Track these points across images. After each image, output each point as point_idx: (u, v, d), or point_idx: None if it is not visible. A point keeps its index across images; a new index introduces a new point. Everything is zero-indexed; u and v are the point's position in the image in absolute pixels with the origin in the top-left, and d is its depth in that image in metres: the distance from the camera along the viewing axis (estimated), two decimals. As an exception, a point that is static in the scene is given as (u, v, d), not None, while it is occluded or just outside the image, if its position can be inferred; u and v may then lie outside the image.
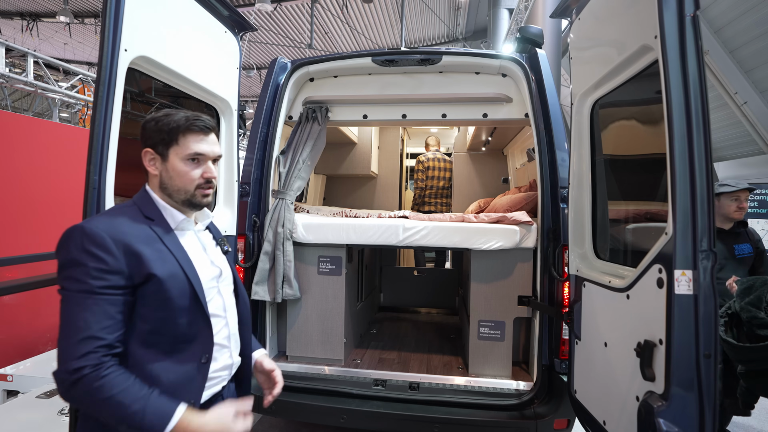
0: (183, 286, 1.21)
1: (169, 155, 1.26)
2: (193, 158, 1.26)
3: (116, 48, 1.62)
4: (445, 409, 2.51)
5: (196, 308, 1.23)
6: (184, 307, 1.21)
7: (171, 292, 1.18)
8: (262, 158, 2.82)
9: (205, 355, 1.25)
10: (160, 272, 1.16)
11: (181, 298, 1.20)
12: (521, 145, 4.26)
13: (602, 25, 1.94)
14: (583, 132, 2.18)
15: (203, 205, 1.32)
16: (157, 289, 1.16)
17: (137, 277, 1.14)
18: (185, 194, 1.27)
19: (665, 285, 1.43)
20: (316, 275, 2.93)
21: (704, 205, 1.35)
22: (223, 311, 1.34)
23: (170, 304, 1.18)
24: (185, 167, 1.26)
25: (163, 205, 1.28)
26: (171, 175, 1.26)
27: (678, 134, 1.38)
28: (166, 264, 1.19)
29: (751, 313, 1.98)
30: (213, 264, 1.35)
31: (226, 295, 1.37)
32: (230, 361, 1.36)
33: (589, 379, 2.03)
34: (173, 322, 1.20)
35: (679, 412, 1.38)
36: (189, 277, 1.22)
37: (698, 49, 1.38)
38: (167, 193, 1.28)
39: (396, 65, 2.82)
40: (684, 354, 1.36)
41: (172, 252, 1.22)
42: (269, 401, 1.45)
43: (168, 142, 1.25)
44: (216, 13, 2.26)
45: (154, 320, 1.17)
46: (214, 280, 1.32)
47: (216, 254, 1.40)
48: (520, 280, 2.75)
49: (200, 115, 1.29)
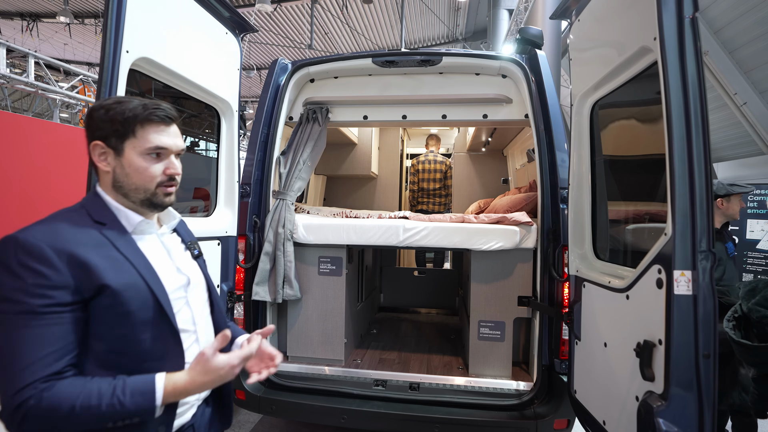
0: (144, 297, 1.06)
1: (125, 149, 1.10)
2: (155, 152, 1.12)
3: (118, 49, 1.64)
4: (446, 409, 2.51)
5: (162, 322, 1.09)
6: (147, 322, 1.06)
7: (130, 304, 1.03)
8: (263, 159, 2.82)
9: None
10: (114, 282, 1.02)
11: (143, 311, 1.06)
12: (521, 146, 4.27)
13: (602, 26, 1.94)
14: (582, 133, 2.19)
15: (166, 205, 1.17)
16: (112, 303, 1.02)
17: (87, 289, 1.00)
18: (144, 193, 1.12)
19: (665, 285, 1.43)
20: (316, 276, 2.94)
21: (703, 205, 1.36)
22: (192, 325, 1.19)
23: (130, 319, 1.04)
24: (144, 162, 1.11)
25: (117, 206, 1.13)
26: (127, 171, 1.11)
27: (677, 135, 1.38)
28: (122, 273, 1.05)
29: (761, 313, 1.99)
30: (179, 271, 1.20)
31: (197, 306, 1.22)
32: None
33: (588, 379, 2.03)
34: (135, 339, 1.05)
35: (678, 412, 1.39)
36: (151, 286, 1.07)
37: (697, 50, 1.39)
38: (122, 193, 1.12)
39: (396, 66, 2.83)
40: (683, 354, 1.37)
41: (129, 259, 1.07)
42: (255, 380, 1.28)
43: (123, 134, 1.09)
44: (217, 14, 2.27)
45: (113, 338, 1.03)
46: (181, 289, 1.17)
47: (184, 260, 1.25)
48: (520, 280, 2.76)
49: (160, 102, 1.15)
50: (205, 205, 2.61)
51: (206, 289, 1.29)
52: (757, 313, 1.98)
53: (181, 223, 1.33)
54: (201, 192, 2.67)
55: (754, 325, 2.01)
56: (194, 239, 1.35)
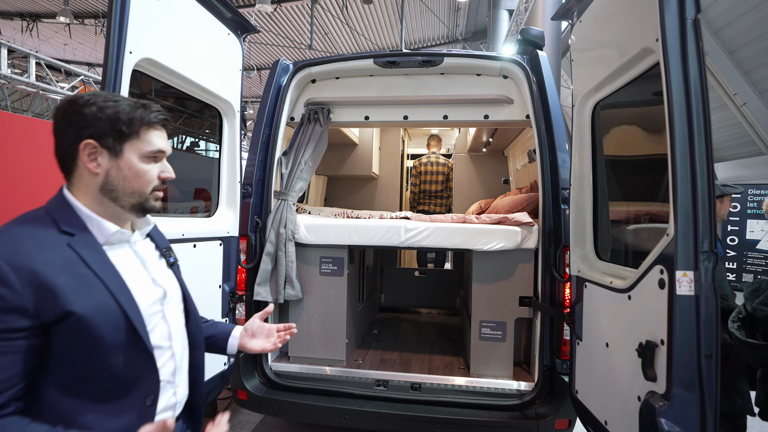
0: (116, 319, 0.97)
1: (124, 151, 1.03)
2: (155, 156, 1.07)
3: (121, 50, 1.64)
4: (447, 409, 2.52)
5: (135, 343, 1.01)
6: (118, 345, 0.98)
7: (100, 329, 0.94)
8: (265, 159, 2.83)
9: (150, 396, 1.04)
10: (81, 308, 0.92)
11: (115, 335, 0.97)
12: (522, 146, 4.27)
13: (603, 27, 1.95)
14: (584, 133, 2.19)
15: (156, 209, 1.10)
16: (79, 329, 0.92)
17: (47, 314, 0.90)
18: (140, 197, 1.06)
19: (666, 286, 1.44)
20: (318, 276, 2.94)
21: (705, 206, 1.36)
22: (168, 340, 1.11)
23: (100, 344, 0.95)
24: (145, 166, 1.05)
25: (88, 214, 1.02)
26: (125, 174, 1.03)
27: (679, 136, 1.39)
28: (92, 294, 0.95)
29: (765, 312, 2.00)
30: (155, 283, 1.12)
31: (173, 319, 1.14)
32: (174, 400, 1.13)
33: (590, 379, 2.04)
34: (105, 363, 0.97)
35: (680, 412, 1.39)
36: (123, 307, 0.99)
37: (699, 51, 1.39)
38: (112, 197, 1.04)
39: (397, 67, 2.83)
40: (685, 354, 1.37)
41: (100, 276, 0.97)
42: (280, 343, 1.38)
43: (125, 135, 1.03)
44: (219, 15, 2.28)
45: (80, 364, 0.95)
46: (157, 303, 1.10)
47: (159, 269, 1.16)
48: (521, 280, 2.76)
49: (149, 102, 1.09)
50: (206, 206, 2.61)
51: (182, 299, 1.21)
52: (762, 313, 1.99)
53: (155, 227, 1.26)
54: (202, 192, 2.67)
55: (759, 325, 2.02)
56: (168, 245, 1.26)
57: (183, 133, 3.79)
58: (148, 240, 1.20)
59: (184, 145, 5.85)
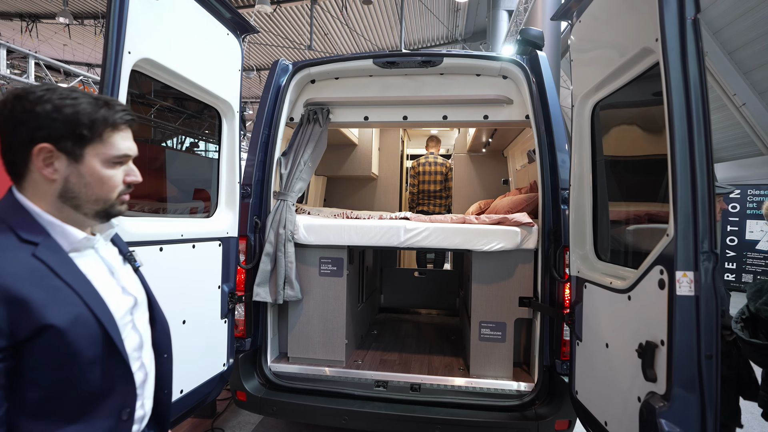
0: (92, 331, 0.91)
1: (85, 155, 0.93)
2: (120, 161, 0.99)
3: (120, 50, 1.63)
4: (447, 410, 2.51)
5: (111, 356, 0.94)
6: (94, 359, 0.91)
7: (77, 343, 0.88)
8: (264, 160, 2.82)
9: (127, 410, 0.99)
10: (58, 320, 0.85)
11: (92, 348, 0.91)
12: (521, 147, 4.27)
13: (603, 27, 1.95)
14: (583, 134, 2.19)
15: (121, 214, 1.03)
16: (55, 344, 0.85)
17: (22, 331, 0.83)
18: (104, 204, 0.97)
19: (666, 286, 1.44)
20: (317, 276, 2.94)
21: (705, 206, 1.36)
22: (138, 350, 1.05)
23: (77, 359, 0.89)
24: (109, 171, 0.96)
25: (50, 220, 0.93)
26: (88, 182, 0.94)
27: (679, 136, 1.38)
28: (66, 306, 0.88)
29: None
30: (125, 292, 1.06)
31: (143, 327, 1.09)
32: (142, 412, 1.07)
33: (590, 379, 2.03)
34: (80, 380, 0.90)
35: (680, 413, 1.39)
36: (99, 317, 0.92)
37: (699, 51, 1.39)
38: (73, 204, 0.95)
39: (397, 67, 2.83)
40: (685, 355, 1.37)
41: (73, 287, 0.90)
42: None
43: (86, 138, 0.93)
44: (218, 15, 2.27)
45: (52, 383, 0.87)
46: (128, 312, 1.04)
47: (127, 277, 1.10)
48: (521, 281, 2.76)
49: (112, 99, 1.00)
50: (206, 206, 2.61)
51: (147, 305, 1.16)
52: (765, 313, 1.99)
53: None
54: (201, 193, 2.66)
55: (763, 325, 2.03)
56: (130, 250, 1.19)
57: (182, 133, 3.77)
58: (110, 244, 1.12)
59: (183, 146, 5.83)
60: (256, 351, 2.77)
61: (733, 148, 9.79)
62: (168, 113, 2.45)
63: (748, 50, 7.89)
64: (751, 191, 8.48)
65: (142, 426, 1.08)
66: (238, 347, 2.64)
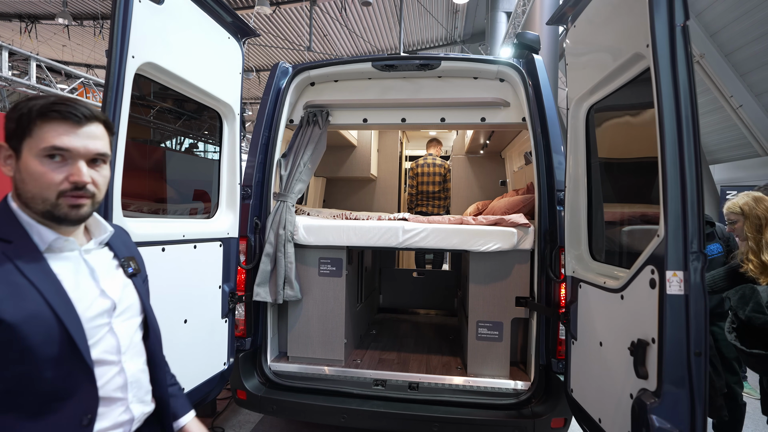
0: (49, 329, 0.92)
1: (23, 150, 0.95)
2: (52, 154, 0.95)
3: (124, 55, 1.67)
4: (445, 408, 2.55)
5: (72, 356, 0.95)
6: (51, 358, 0.92)
7: (30, 339, 0.89)
8: (264, 161, 2.86)
9: (87, 416, 0.97)
10: (10, 316, 0.88)
11: (47, 346, 0.91)
12: (519, 148, 4.31)
13: (597, 32, 1.99)
14: (578, 136, 2.23)
15: (73, 219, 0.99)
16: (8, 338, 0.88)
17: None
18: (43, 204, 0.95)
19: (657, 285, 1.47)
20: (316, 277, 2.97)
21: (694, 208, 1.40)
22: (117, 354, 1.05)
23: (30, 356, 0.90)
24: (40, 167, 0.94)
25: (28, 220, 0.97)
26: (23, 177, 0.95)
27: (669, 139, 1.42)
28: (24, 302, 0.90)
29: (762, 319, 2.03)
30: (103, 295, 1.05)
31: (124, 332, 1.08)
32: (127, 416, 1.07)
33: (585, 378, 2.07)
34: (37, 378, 0.91)
35: (671, 409, 1.42)
36: (60, 316, 0.93)
37: (688, 57, 1.43)
38: (23, 202, 0.97)
39: (396, 70, 2.87)
40: (675, 352, 1.41)
41: (35, 284, 0.92)
42: None
43: (21, 134, 0.95)
44: (219, 19, 2.31)
45: (10, 378, 0.90)
46: (104, 315, 1.03)
47: (112, 281, 1.09)
48: (517, 281, 2.79)
49: (76, 99, 0.99)
50: (205, 207, 2.64)
51: (140, 311, 1.15)
52: (758, 321, 2.02)
53: (119, 235, 1.19)
54: (198, 194, 2.69)
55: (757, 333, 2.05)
56: (132, 254, 1.20)
57: (183, 135, 3.82)
58: (106, 249, 1.13)
59: (182, 147, 5.87)
60: (256, 350, 2.80)
61: (730, 150, 9.84)
62: (170, 115, 2.50)
63: (746, 52, 7.94)
64: (747, 192, 8.51)
65: (132, 428, 1.09)
66: (238, 346, 2.67)
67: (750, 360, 2.09)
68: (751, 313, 2.04)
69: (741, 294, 2.12)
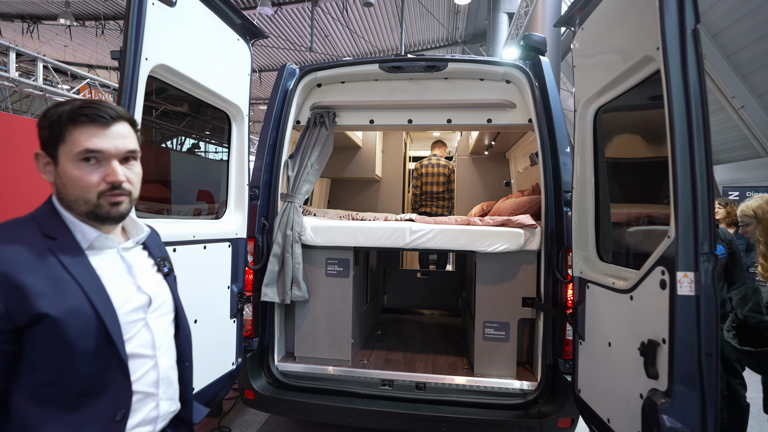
0: (88, 324, 0.95)
1: (59, 156, 0.99)
2: (86, 158, 0.98)
3: (138, 57, 1.68)
4: (452, 408, 2.56)
5: (109, 351, 0.97)
6: (88, 352, 0.95)
7: (70, 333, 0.92)
8: (271, 162, 2.87)
9: (121, 411, 0.99)
10: (53, 310, 0.90)
11: (85, 341, 0.94)
12: (524, 149, 4.32)
13: (605, 35, 2.00)
14: (586, 137, 2.24)
15: (114, 217, 1.03)
16: (49, 332, 0.91)
17: (20, 317, 0.89)
18: (86, 205, 0.99)
19: (668, 286, 1.48)
20: (323, 277, 2.98)
21: (705, 208, 1.41)
22: (152, 349, 1.08)
23: (70, 350, 0.93)
24: (77, 171, 0.98)
25: (71, 219, 1.01)
26: (64, 182, 0.99)
27: (679, 141, 1.43)
28: (66, 298, 0.93)
29: (756, 318, 2.04)
30: (140, 290, 1.08)
31: (159, 328, 1.11)
32: (155, 413, 1.08)
33: (593, 378, 2.08)
34: (74, 371, 0.94)
35: (682, 409, 1.43)
36: (99, 311, 0.96)
37: (699, 60, 1.44)
38: (65, 205, 1.01)
39: (402, 71, 2.88)
40: (686, 353, 1.42)
41: (77, 279, 0.95)
42: None
43: (54, 141, 0.99)
44: (229, 21, 2.32)
45: (49, 370, 0.92)
46: (140, 310, 1.07)
47: (148, 278, 1.13)
48: (524, 281, 2.80)
49: (100, 101, 1.03)
50: (209, 209, 2.65)
51: (173, 309, 1.19)
52: (753, 320, 2.03)
53: (153, 236, 1.23)
54: (204, 195, 2.71)
55: (752, 331, 2.06)
56: (165, 255, 1.24)
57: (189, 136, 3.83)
58: (141, 248, 1.18)
59: (184, 148, 5.89)
60: (263, 350, 2.81)
61: (732, 150, 9.85)
62: (181, 118, 2.52)
63: (747, 53, 7.95)
64: (749, 194, 8.54)
65: (156, 428, 1.10)
66: (245, 347, 2.68)
67: (743, 358, 2.11)
68: (747, 312, 2.06)
69: (743, 294, 2.14)
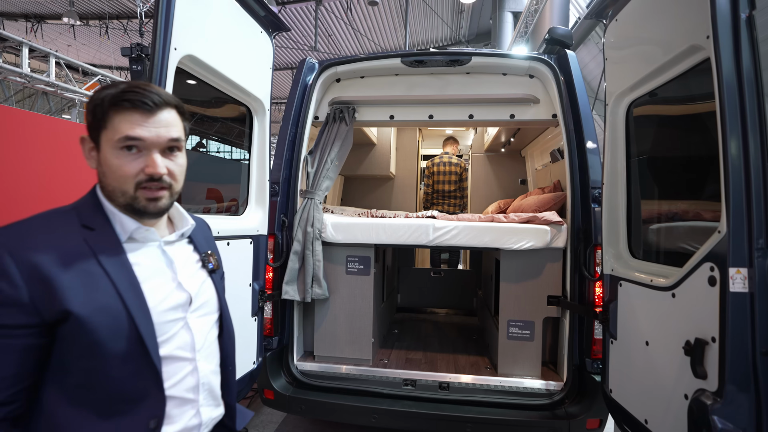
0: (118, 323, 0.88)
1: (101, 142, 0.93)
2: (128, 146, 0.91)
3: (167, 46, 1.64)
4: (477, 408, 2.51)
5: (140, 354, 0.90)
6: (118, 354, 0.87)
7: (98, 333, 0.85)
8: (291, 158, 2.83)
9: (154, 420, 0.92)
10: (79, 307, 0.84)
11: (116, 342, 0.87)
12: (542, 147, 4.27)
13: (644, 26, 1.95)
14: (617, 132, 2.19)
15: (151, 212, 0.96)
16: (77, 330, 0.84)
17: (48, 312, 0.83)
18: (123, 197, 0.93)
19: (718, 283, 1.43)
20: (344, 275, 2.93)
21: (761, 202, 1.36)
22: (191, 351, 1.00)
23: (99, 351, 0.86)
24: (116, 159, 0.91)
25: (112, 209, 0.95)
26: (104, 170, 0.93)
27: (732, 132, 1.38)
28: (95, 293, 0.86)
29: None
30: (180, 287, 1.00)
31: (200, 329, 1.03)
32: (196, 421, 1.01)
33: (627, 378, 2.03)
34: (104, 375, 0.87)
35: (734, 410, 1.38)
36: (130, 309, 0.89)
37: (754, 47, 1.39)
38: (105, 195, 0.95)
39: (424, 66, 2.84)
40: (739, 352, 1.37)
41: (110, 275, 0.89)
42: None
43: (97, 126, 0.92)
44: (253, 13, 2.28)
45: (80, 371, 0.87)
46: (179, 309, 0.99)
47: (190, 274, 1.05)
48: (549, 279, 2.76)
49: (147, 85, 0.95)
50: (229, 205, 2.60)
51: (217, 308, 1.11)
52: None
53: (200, 228, 1.14)
54: (213, 192, 2.67)
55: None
56: (212, 249, 1.15)
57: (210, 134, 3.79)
58: (186, 242, 1.10)
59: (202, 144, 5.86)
60: (282, 349, 2.76)
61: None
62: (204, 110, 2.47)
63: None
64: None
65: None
66: (265, 345, 2.63)
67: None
68: None
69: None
